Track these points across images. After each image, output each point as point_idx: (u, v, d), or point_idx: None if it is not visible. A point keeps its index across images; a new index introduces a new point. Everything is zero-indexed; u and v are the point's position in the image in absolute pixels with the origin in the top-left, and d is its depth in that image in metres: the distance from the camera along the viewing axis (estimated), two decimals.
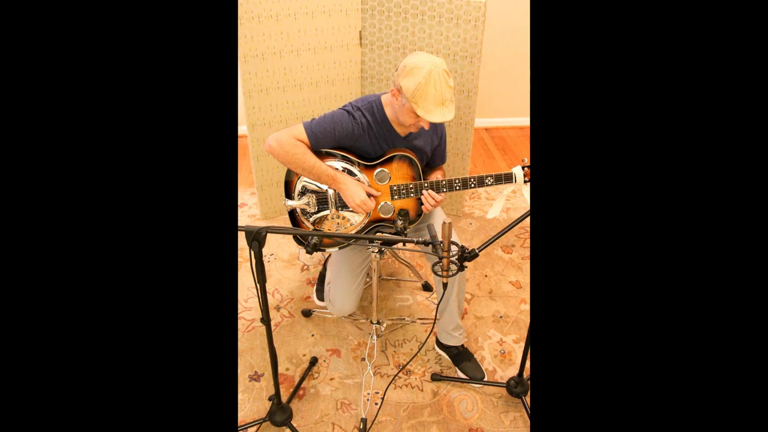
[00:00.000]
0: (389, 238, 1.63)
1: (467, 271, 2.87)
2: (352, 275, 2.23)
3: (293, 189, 2.07)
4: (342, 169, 2.01)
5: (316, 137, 1.94)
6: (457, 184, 2.02)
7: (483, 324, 2.58)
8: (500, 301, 2.72)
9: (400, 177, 2.04)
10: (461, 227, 3.29)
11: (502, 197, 2.12)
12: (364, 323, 2.56)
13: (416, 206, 2.09)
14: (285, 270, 2.93)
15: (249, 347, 2.44)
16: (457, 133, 3.10)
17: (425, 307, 2.68)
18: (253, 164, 3.12)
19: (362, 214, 2.07)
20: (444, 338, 2.34)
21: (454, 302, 2.24)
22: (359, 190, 1.99)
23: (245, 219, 3.37)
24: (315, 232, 2.07)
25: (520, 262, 2.99)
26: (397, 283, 2.83)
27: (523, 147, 4.30)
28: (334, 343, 2.48)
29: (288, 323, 2.57)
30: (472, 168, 3.99)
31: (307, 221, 2.10)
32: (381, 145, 2.04)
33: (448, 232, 1.47)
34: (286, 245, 3.12)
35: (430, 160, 2.23)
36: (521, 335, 2.52)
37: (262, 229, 1.51)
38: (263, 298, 1.61)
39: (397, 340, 2.49)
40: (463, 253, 1.55)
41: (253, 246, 1.51)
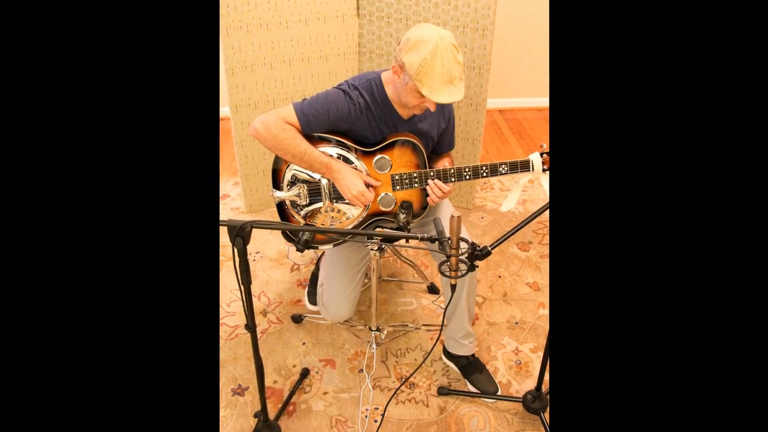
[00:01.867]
0: (390, 234, 1.63)
1: (478, 272, 2.87)
2: (348, 276, 2.23)
3: (282, 178, 2.07)
4: (337, 155, 2.01)
5: (308, 120, 1.93)
6: (467, 172, 2.01)
7: (496, 331, 2.59)
8: (516, 305, 2.72)
9: (403, 165, 2.03)
10: (472, 222, 3.29)
11: (517, 188, 2.12)
12: (362, 330, 2.57)
13: (421, 198, 2.08)
14: (272, 270, 2.93)
15: (232, 357, 2.44)
16: (467, 115, 3.10)
17: (431, 312, 2.68)
18: (237, 150, 3.12)
19: (360, 206, 2.07)
20: (452, 347, 2.34)
21: (464, 306, 2.24)
22: (356, 180, 1.99)
23: (227, 212, 3.37)
24: (306, 227, 2.06)
25: (538, 261, 2.99)
26: (399, 285, 2.83)
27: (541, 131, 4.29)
28: (328, 352, 2.48)
29: (276, 330, 2.58)
30: (484, 155, 3.98)
31: (298, 215, 2.10)
32: (381, 129, 2.03)
33: (457, 227, 1.47)
34: (273, 242, 3.12)
35: (436, 146, 2.22)
36: (539, 344, 2.52)
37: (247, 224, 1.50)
38: (248, 302, 1.61)
39: (400, 350, 2.49)
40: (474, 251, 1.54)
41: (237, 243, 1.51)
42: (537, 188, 3.62)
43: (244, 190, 3.26)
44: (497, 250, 3.04)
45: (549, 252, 3.01)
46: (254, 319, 1.68)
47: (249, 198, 3.30)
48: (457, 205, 3.42)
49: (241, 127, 3.02)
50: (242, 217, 3.29)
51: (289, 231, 2.12)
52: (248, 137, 3.07)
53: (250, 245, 2.91)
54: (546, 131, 4.27)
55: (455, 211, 1.48)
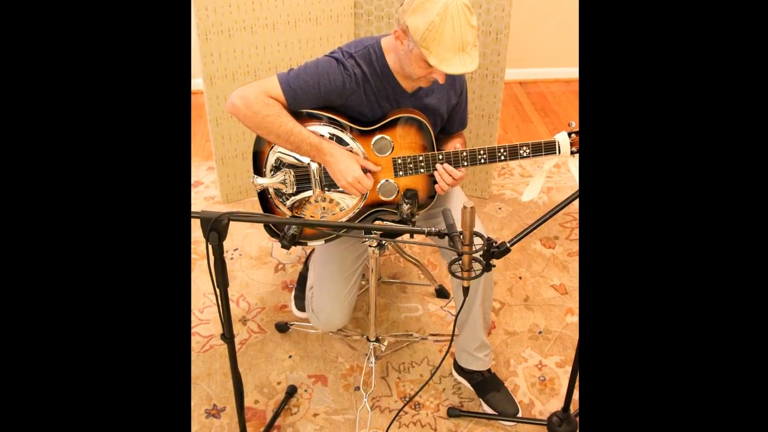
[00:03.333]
0: (392, 228, 1.63)
1: (495, 272, 2.87)
2: (342, 277, 2.23)
3: (264, 163, 2.06)
4: (329, 136, 2.00)
5: (295, 94, 1.93)
6: (481, 155, 2.01)
7: (516, 342, 2.59)
8: (539, 311, 2.73)
9: (407, 146, 2.03)
10: (488, 213, 3.29)
11: (541, 173, 2.11)
12: (359, 341, 2.57)
13: (428, 185, 2.08)
14: (254, 270, 2.93)
15: (206, 372, 2.45)
16: (482, 88, 3.09)
17: (439, 320, 2.68)
18: (211, 130, 3.11)
19: (356, 195, 2.07)
20: (465, 361, 2.34)
21: (478, 313, 2.24)
22: (352, 164, 1.99)
23: (200, 202, 3.36)
24: (293, 219, 2.06)
25: (566, 259, 2.99)
26: (402, 288, 2.83)
27: (569, 106, 4.28)
28: (318, 367, 2.48)
29: (258, 341, 2.58)
30: (502, 135, 3.98)
31: (283, 205, 2.10)
32: (381, 105, 2.03)
33: (470, 219, 1.47)
34: (254, 237, 3.12)
35: (445, 125, 2.22)
36: (567, 357, 2.53)
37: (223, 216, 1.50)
38: (224, 308, 1.62)
39: (403, 364, 2.49)
40: (490, 248, 1.54)
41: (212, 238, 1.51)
42: (564, 174, 3.61)
43: (219, 177, 3.25)
44: (517, 247, 3.04)
45: (579, 249, 3.01)
46: (232, 328, 1.68)
47: (225, 186, 3.29)
48: (469, 194, 3.42)
49: (216, 103, 3.02)
50: (218, 208, 3.29)
51: (273, 224, 2.12)
52: (225, 114, 3.07)
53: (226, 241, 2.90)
54: (575, 107, 4.26)
55: (468, 200, 1.48)
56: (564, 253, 3.02)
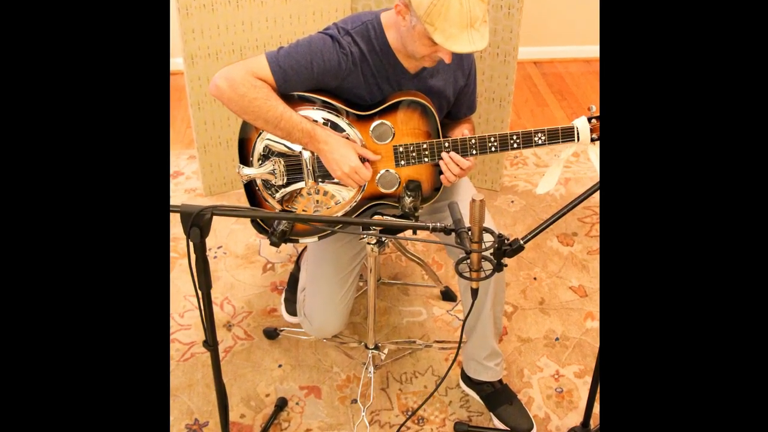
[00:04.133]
0: (393, 224, 1.63)
1: (507, 272, 2.87)
2: (337, 278, 2.23)
3: (251, 151, 2.06)
4: (323, 121, 2.00)
5: (286, 75, 1.92)
6: (492, 143, 2.01)
7: (531, 349, 2.59)
8: (556, 315, 2.73)
9: (409, 133, 2.03)
10: (499, 207, 3.29)
11: (558, 163, 2.11)
12: (356, 348, 2.58)
13: (432, 176, 2.08)
14: (240, 270, 2.93)
15: (186, 383, 2.45)
16: (492, 68, 3.09)
17: (445, 325, 2.69)
18: (193, 114, 3.11)
19: (353, 187, 2.07)
20: (473, 370, 2.35)
21: (488, 318, 2.24)
22: (348, 153, 1.99)
23: (181, 195, 3.36)
24: (284, 214, 2.06)
25: (585, 258, 2.99)
26: (403, 290, 2.84)
27: (589, 88, 4.28)
28: (311, 377, 2.49)
29: (244, 348, 2.59)
30: (515, 120, 3.97)
31: (272, 198, 2.10)
32: (380, 87, 2.03)
33: (479, 213, 1.47)
34: (241, 234, 3.12)
35: (452, 109, 2.22)
36: (587, 366, 2.53)
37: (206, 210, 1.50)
38: (207, 312, 1.62)
39: (405, 374, 2.50)
40: (502, 246, 1.54)
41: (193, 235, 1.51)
42: (583, 163, 3.61)
43: (201, 167, 3.25)
44: (532, 245, 3.04)
45: (599, 247, 3.01)
46: (215, 335, 1.68)
47: (208, 177, 3.29)
48: (479, 186, 3.42)
49: (197, 84, 3.01)
50: (200, 201, 3.29)
51: (261, 219, 2.12)
52: (208, 97, 3.06)
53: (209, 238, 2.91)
54: (595, 89, 4.25)
55: (477, 193, 1.48)
56: (583, 251, 3.02)
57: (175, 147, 3.71)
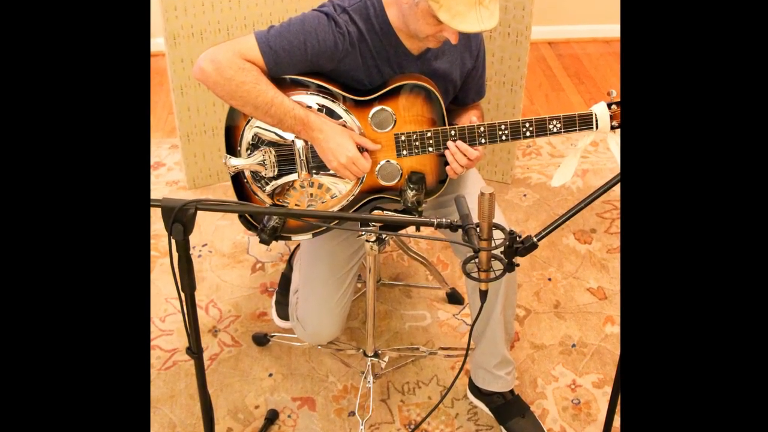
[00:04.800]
0: (394, 219, 1.62)
1: (519, 272, 2.88)
2: (333, 279, 2.23)
3: (239, 140, 2.06)
4: (318, 107, 2.00)
5: (277, 56, 1.92)
6: (502, 131, 2.01)
7: (545, 357, 2.60)
8: (573, 320, 2.73)
9: (412, 120, 2.03)
10: (510, 201, 3.29)
11: (575, 153, 2.11)
12: (354, 356, 2.58)
13: (437, 167, 2.08)
14: (226, 270, 2.93)
15: (168, 394, 2.45)
16: (503, 49, 3.08)
17: (451, 330, 2.69)
18: (175, 100, 3.11)
19: (350, 179, 2.06)
20: (482, 380, 2.35)
21: (499, 323, 2.24)
22: (345, 142, 1.98)
23: (162, 188, 3.36)
24: (275, 208, 2.05)
25: (605, 257, 2.99)
26: (406, 292, 2.84)
27: (609, 71, 4.27)
28: (305, 387, 2.49)
29: (231, 356, 2.59)
30: (528, 106, 3.97)
31: (262, 192, 2.10)
32: (381, 70, 2.03)
33: (488, 208, 1.47)
34: (227, 230, 3.12)
35: (459, 94, 2.21)
36: (606, 375, 2.53)
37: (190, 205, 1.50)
38: (191, 316, 1.62)
39: (407, 384, 2.50)
40: (513, 243, 1.54)
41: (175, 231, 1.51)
42: (603, 153, 3.61)
43: (185, 157, 3.25)
44: (546, 243, 3.04)
45: (620, 245, 3.01)
46: (200, 341, 1.68)
47: (192, 168, 3.29)
48: (488, 178, 3.42)
49: (180, 67, 3.01)
50: (183, 195, 3.29)
51: (250, 214, 2.12)
52: (191, 81, 3.06)
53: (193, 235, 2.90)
54: (616, 72, 4.24)
55: (486, 186, 1.48)
56: (602, 250, 3.02)
57: (156, 135, 3.70)
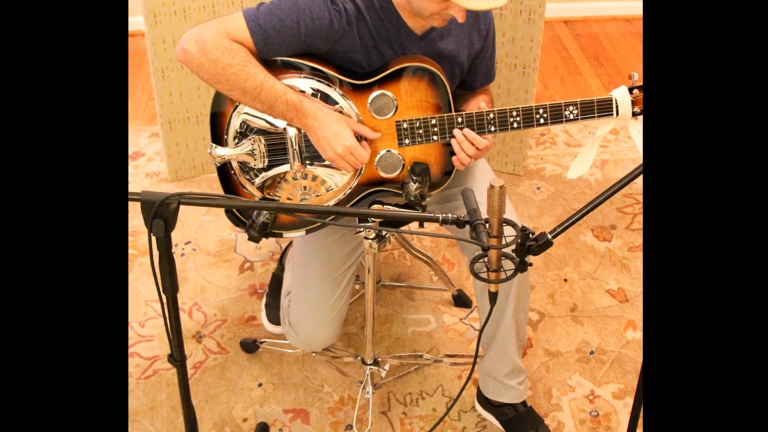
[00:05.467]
0: (395, 214, 1.62)
1: (532, 273, 2.88)
2: (329, 280, 2.23)
3: (226, 128, 2.06)
4: (312, 92, 2.00)
5: (267, 36, 1.92)
6: (514, 118, 2.00)
7: (560, 365, 2.60)
8: (591, 324, 2.73)
9: (415, 106, 2.03)
10: (522, 194, 3.29)
11: (593, 142, 2.11)
12: (351, 364, 2.58)
13: (442, 158, 2.08)
14: (212, 270, 2.93)
15: (148, 406, 2.45)
16: (515, 28, 3.08)
17: (458, 336, 2.69)
18: (155, 84, 3.11)
19: (347, 171, 2.06)
20: (492, 390, 2.35)
21: (510, 327, 2.24)
22: (342, 130, 1.98)
23: (141, 180, 3.36)
24: (265, 203, 2.05)
25: (626, 256, 2.99)
26: (408, 294, 2.84)
27: (630, 52, 4.27)
28: (297, 398, 2.49)
29: (217, 363, 2.59)
30: (541, 90, 3.96)
31: (251, 184, 2.10)
32: (381, 51, 2.02)
33: (499, 203, 1.46)
34: (213, 227, 3.12)
35: (466, 77, 2.21)
36: (627, 385, 2.53)
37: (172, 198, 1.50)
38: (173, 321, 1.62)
39: (410, 395, 2.50)
40: (526, 241, 1.54)
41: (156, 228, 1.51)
42: (623, 142, 3.60)
43: (166, 146, 3.25)
44: (562, 240, 3.04)
45: (642, 242, 3.01)
46: (183, 347, 1.68)
47: (174, 158, 3.29)
48: (498, 170, 3.42)
49: (161, 48, 3.01)
50: (164, 188, 3.29)
51: (238, 209, 2.11)
52: (174, 63, 3.06)
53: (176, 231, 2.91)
54: (638, 53, 4.24)
55: (496, 178, 1.48)
56: (623, 248, 3.02)
57: (135, 123, 3.70)
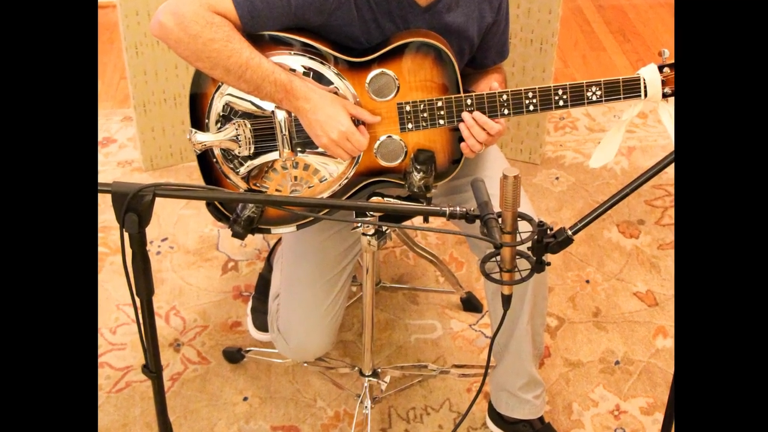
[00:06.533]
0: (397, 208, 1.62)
1: (551, 273, 2.88)
2: (322, 281, 2.24)
3: (207, 111, 2.06)
4: (304, 71, 2.00)
5: (253, 8, 1.92)
6: (530, 100, 2.01)
7: (581, 377, 2.60)
8: (616, 331, 2.73)
9: (418, 86, 2.03)
10: (539, 185, 3.29)
11: (618, 127, 2.11)
12: (348, 375, 2.58)
13: (449, 145, 2.08)
14: (192, 271, 2.94)
15: (120, 422, 2.45)
16: (530, 0, 3.10)
17: (467, 344, 2.69)
18: (128, 61, 3.11)
19: (343, 159, 2.06)
20: (505, 405, 2.35)
21: (525, 334, 2.24)
22: (338, 113, 1.98)
23: (112, 169, 3.36)
24: (251, 195, 2.05)
25: (655, 254, 3.00)
26: (411, 297, 2.84)
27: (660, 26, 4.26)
28: (287, 414, 2.49)
29: (197, 375, 2.59)
30: (561, 69, 3.96)
31: (236, 174, 2.10)
32: (380, 25, 2.02)
33: (512, 195, 1.46)
34: (192, 222, 3.12)
35: (477, 54, 2.21)
36: (657, 399, 2.54)
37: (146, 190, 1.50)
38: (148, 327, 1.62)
39: (413, 410, 2.50)
40: (544, 238, 1.54)
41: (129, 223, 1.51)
42: (653, 127, 3.61)
43: (140, 131, 3.25)
44: (584, 237, 3.04)
45: (674, 239, 3.01)
46: (159, 357, 1.68)
47: (149, 145, 3.29)
48: (512, 158, 3.42)
49: (134, 21, 3.01)
50: (138, 178, 3.29)
51: (221, 202, 2.12)
52: (148, 38, 3.06)
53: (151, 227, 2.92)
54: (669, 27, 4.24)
55: (510, 167, 1.48)
56: (653, 245, 3.02)
57: (105, 105, 3.71)
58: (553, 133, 3.54)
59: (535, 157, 3.38)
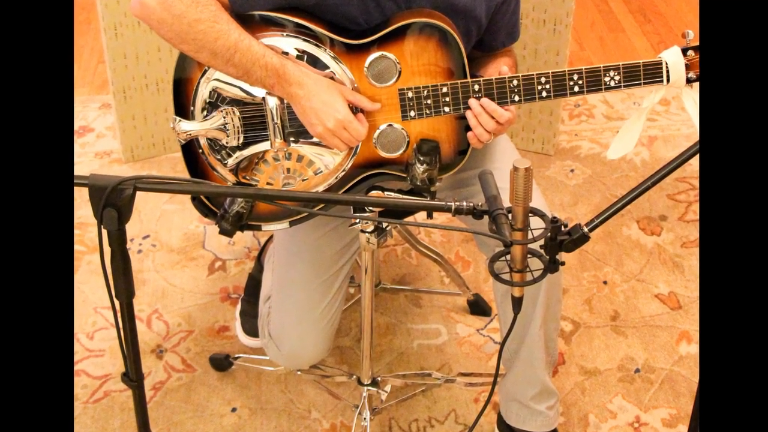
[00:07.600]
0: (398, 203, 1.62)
1: (565, 274, 2.88)
2: (317, 282, 2.24)
3: (193, 98, 2.06)
4: (297, 54, 2.00)
5: None
6: (543, 86, 2.01)
7: (599, 386, 2.60)
8: (635, 336, 2.73)
9: (422, 71, 2.03)
10: (553, 178, 3.30)
11: (639, 115, 2.11)
12: (345, 384, 2.58)
13: (455, 134, 2.08)
14: (175, 271, 2.94)
15: None
16: None
17: (474, 350, 2.70)
18: (107, 44, 3.11)
19: (340, 149, 2.07)
20: (516, 417, 2.36)
21: (537, 340, 2.25)
22: (334, 100, 1.98)
23: (90, 161, 3.37)
24: (239, 188, 2.06)
25: (679, 253, 3.00)
26: (414, 299, 2.85)
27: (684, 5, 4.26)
28: (279, 426, 2.49)
29: (182, 384, 2.59)
30: (576, 52, 3.97)
31: (223, 166, 2.10)
32: (380, 3, 2.02)
33: (524, 188, 1.47)
34: (176, 217, 3.13)
35: (485, 36, 2.21)
36: (680, 410, 2.54)
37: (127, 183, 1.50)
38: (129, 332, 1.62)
39: (416, 422, 2.51)
40: (557, 235, 1.54)
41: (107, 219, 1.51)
42: (676, 115, 3.61)
43: (120, 120, 3.25)
44: (601, 234, 3.05)
45: (699, 237, 3.01)
46: (140, 365, 1.68)
47: (129, 135, 3.29)
48: (523, 149, 3.42)
49: (114, 0, 3.01)
50: (118, 170, 3.29)
51: (207, 196, 2.12)
52: (129, 19, 3.06)
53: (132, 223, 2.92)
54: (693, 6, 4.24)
55: (521, 158, 1.48)
56: (676, 243, 3.03)
57: (81, 91, 3.71)
58: (567, 121, 3.55)
59: (549, 148, 3.39)
